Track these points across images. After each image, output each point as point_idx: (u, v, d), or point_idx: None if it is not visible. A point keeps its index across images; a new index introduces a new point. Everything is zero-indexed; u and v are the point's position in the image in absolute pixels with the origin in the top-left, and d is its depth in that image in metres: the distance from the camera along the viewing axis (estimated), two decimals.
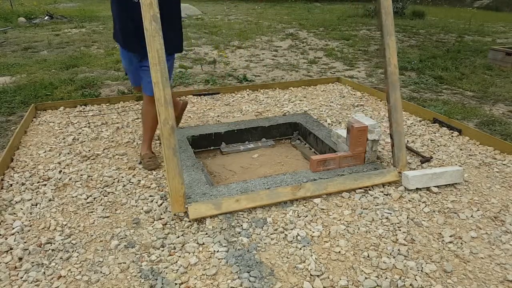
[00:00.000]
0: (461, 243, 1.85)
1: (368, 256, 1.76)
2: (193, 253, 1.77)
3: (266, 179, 2.30)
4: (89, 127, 3.19)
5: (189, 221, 1.97)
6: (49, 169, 2.48)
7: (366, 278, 1.63)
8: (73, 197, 2.20)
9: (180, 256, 1.75)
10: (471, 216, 2.06)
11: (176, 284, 1.59)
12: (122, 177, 2.40)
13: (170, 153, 1.86)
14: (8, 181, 2.34)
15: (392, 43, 2.20)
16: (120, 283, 1.60)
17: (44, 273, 1.64)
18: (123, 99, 3.86)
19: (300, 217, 2.03)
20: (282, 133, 3.18)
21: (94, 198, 2.19)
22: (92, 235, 1.88)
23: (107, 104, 3.76)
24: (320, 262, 1.72)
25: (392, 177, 2.32)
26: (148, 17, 1.87)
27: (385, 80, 2.24)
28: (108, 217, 2.03)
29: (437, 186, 2.30)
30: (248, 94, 4.13)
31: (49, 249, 1.78)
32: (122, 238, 1.86)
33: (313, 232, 1.91)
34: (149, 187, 2.31)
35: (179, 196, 1.94)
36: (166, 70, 1.95)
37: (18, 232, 1.89)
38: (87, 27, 9.02)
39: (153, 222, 1.98)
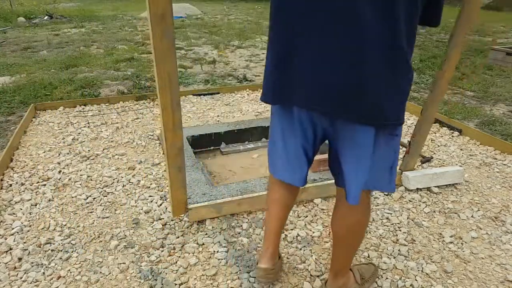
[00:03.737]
0: (462, 243, 1.85)
1: (368, 257, 1.75)
2: (193, 253, 1.76)
3: (266, 179, 2.29)
4: (88, 127, 3.19)
5: (189, 222, 1.97)
6: (48, 169, 2.48)
7: None
8: (72, 197, 2.19)
9: (179, 257, 1.74)
10: (472, 216, 2.06)
11: (176, 284, 1.59)
12: (122, 177, 2.39)
13: (175, 171, 1.80)
14: (8, 181, 2.33)
15: (456, 55, 1.96)
16: (119, 283, 1.59)
17: (43, 273, 1.64)
18: (123, 99, 3.85)
19: (300, 217, 2.03)
20: None
21: (94, 198, 2.18)
22: (91, 236, 1.87)
23: (107, 104, 3.76)
24: (320, 263, 1.71)
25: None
26: (159, 33, 1.46)
27: (429, 90, 2.10)
28: (107, 217, 2.02)
29: (438, 186, 2.30)
30: (248, 94, 4.12)
31: (49, 249, 1.77)
32: (121, 239, 1.86)
33: (313, 232, 1.91)
34: (149, 187, 2.30)
35: (181, 204, 1.94)
36: (178, 92, 1.56)
37: (17, 232, 1.88)
38: (87, 27, 9.02)
39: (153, 223, 1.97)
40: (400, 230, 1.94)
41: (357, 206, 1.26)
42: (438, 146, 2.88)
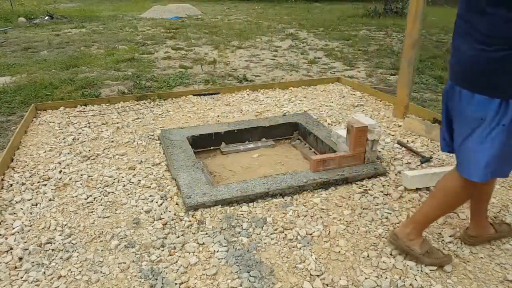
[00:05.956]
0: (461, 243, 1.85)
1: (368, 256, 1.76)
2: (193, 253, 1.77)
3: (266, 179, 2.30)
4: (89, 127, 3.20)
5: (189, 221, 1.97)
6: (49, 169, 2.49)
7: (366, 278, 1.63)
8: (73, 197, 2.20)
9: (180, 256, 1.75)
10: None
11: (176, 284, 1.59)
12: (122, 177, 2.40)
13: (405, 64, 1.99)
14: (8, 181, 2.34)
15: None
16: (120, 283, 1.60)
17: (44, 273, 1.64)
18: (123, 99, 3.86)
19: (300, 217, 2.03)
20: (282, 133, 3.18)
21: (94, 198, 2.19)
22: (92, 235, 1.88)
23: (107, 104, 3.77)
24: (320, 262, 1.72)
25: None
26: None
27: None
28: (108, 217, 2.03)
29: None
30: (248, 94, 4.13)
31: (49, 249, 1.78)
32: (122, 238, 1.86)
33: (313, 232, 1.91)
34: (149, 187, 2.31)
35: (402, 106, 2.07)
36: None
37: (18, 232, 1.89)
38: (87, 27, 9.03)
39: (153, 222, 1.98)
40: None
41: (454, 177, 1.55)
42: (438, 146, 2.88)
